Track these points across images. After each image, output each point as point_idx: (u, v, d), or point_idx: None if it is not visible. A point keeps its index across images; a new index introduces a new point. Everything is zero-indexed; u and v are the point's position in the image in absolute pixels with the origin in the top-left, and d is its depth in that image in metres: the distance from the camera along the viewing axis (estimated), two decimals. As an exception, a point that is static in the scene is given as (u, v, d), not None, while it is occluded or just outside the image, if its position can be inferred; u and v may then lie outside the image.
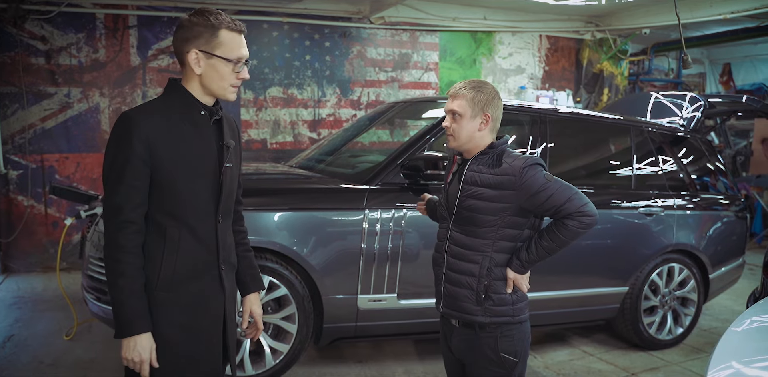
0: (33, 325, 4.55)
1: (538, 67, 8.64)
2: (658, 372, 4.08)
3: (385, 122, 5.30)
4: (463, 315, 2.28)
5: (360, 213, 3.56)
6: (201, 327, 1.95)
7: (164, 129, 1.82)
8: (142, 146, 1.77)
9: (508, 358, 2.26)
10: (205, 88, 1.89)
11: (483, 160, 2.25)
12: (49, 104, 6.21)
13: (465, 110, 2.24)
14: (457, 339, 2.34)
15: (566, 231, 2.17)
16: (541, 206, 2.18)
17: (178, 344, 1.90)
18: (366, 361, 4.08)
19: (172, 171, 1.83)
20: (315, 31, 7.15)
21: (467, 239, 2.26)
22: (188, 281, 1.90)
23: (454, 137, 2.28)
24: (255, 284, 2.21)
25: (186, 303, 1.90)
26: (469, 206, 2.23)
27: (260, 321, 2.20)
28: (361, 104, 7.53)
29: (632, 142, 4.55)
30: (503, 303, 2.26)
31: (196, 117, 1.89)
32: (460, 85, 2.29)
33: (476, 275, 2.24)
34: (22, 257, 6.25)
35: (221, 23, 1.83)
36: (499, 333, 2.26)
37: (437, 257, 2.40)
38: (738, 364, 1.96)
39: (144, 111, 1.84)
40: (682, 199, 4.60)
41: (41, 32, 6.10)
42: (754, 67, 10.26)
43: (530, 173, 2.17)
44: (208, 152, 1.91)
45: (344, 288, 3.57)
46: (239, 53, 1.86)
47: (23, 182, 6.18)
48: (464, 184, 2.25)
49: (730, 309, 5.58)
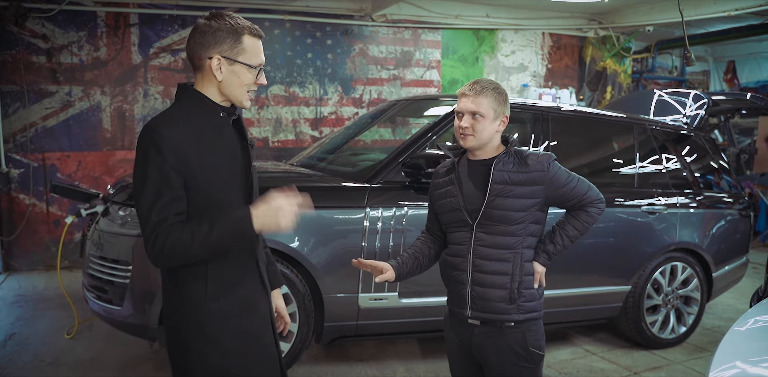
0: (34, 324, 4.55)
1: (541, 64, 8.61)
2: (661, 371, 4.06)
3: (387, 120, 5.28)
4: (495, 315, 2.26)
5: (361, 211, 3.55)
6: (254, 329, 1.93)
7: (190, 136, 1.78)
8: (172, 155, 1.72)
9: (536, 352, 2.27)
10: (223, 94, 1.86)
11: (507, 159, 2.27)
12: (50, 103, 6.21)
13: (488, 111, 2.23)
14: (479, 338, 2.30)
15: (589, 218, 2.33)
16: (566, 196, 2.30)
17: (236, 351, 1.88)
18: (367, 360, 4.07)
19: (203, 176, 1.79)
20: (317, 29, 7.13)
21: (497, 239, 2.25)
22: (234, 286, 1.89)
23: (474, 138, 2.25)
24: (277, 280, 2.21)
25: (236, 308, 1.88)
26: (498, 205, 2.22)
27: (286, 315, 2.22)
28: (363, 101, 7.52)
29: (635, 140, 4.52)
30: (533, 299, 2.29)
31: (216, 120, 1.86)
32: (481, 85, 2.26)
33: (509, 274, 2.24)
34: (24, 255, 6.26)
35: (244, 29, 1.81)
36: (526, 328, 2.27)
37: (458, 262, 2.32)
38: (742, 364, 1.94)
39: (167, 121, 1.79)
40: (686, 197, 4.57)
41: (42, 30, 6.09)
42: (758, 64, 10.21)
43: (555, 167, 2.28)
44: (233, 152, 1.89)
45: (345, 286, 3.55)
46: (260, 59, 1.87)
47: (25, 180, 6.18)
48: (493, 184, 2.23)
49: (733, 308, 5.55)
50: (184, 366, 1.89)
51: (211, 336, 1.84)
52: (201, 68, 1.83)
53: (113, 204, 3.58)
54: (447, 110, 3.98)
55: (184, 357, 1.88)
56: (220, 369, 1.86)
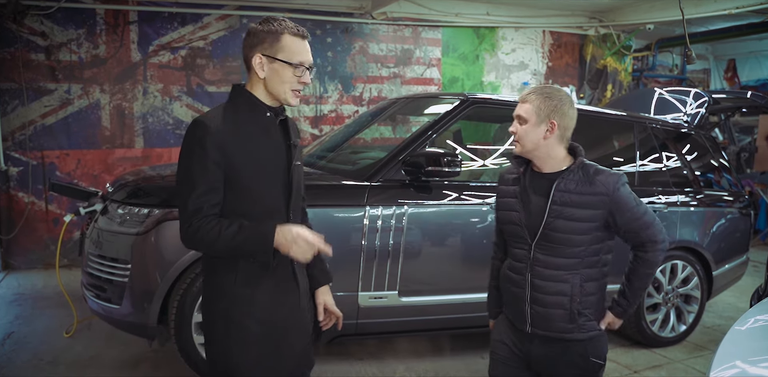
0: (33, 322, 4.54)
1: (542, 63, 8.59)
2: (661, 370, 4.05)
3: (387, 118, 5.27)
4: (557, 334, 2.23)
5: (361, 210, 3.53)
6: (279, 321, 2.00)
7: (234, 132, 1.89)
8: (216, 150, 1.84)
9: (597, 362, 2.26)
10: (269, 93, 1.96)
11: (571, 176, 2.18)
12: (49, 101, 6.19)
13: (530, 116, 2.18)
14: (539, 347, 2.27)
15: (647, 269, 2.27)
16: (625, 226, 2.20)
17: (259, 338, 1.97)
18: (367, 359, 4.06)
19: (244, 172, 1.90)
20: (317, 27, 7.11)
21: (556, 260, 2.19)
22: (263, 278, 1.96)
23: (519, 143, 2.21)
24: (324, 277, 2.26)
25: (263, 298, 1.97)
26: (558, 227, 2.16)
27: (336, 310, 2.25)
28: (363, 100, 7.50)
29: (636, 138, 4.51)
30: (595, 317, 2.26)
31: (262, 119, 1.96)
32: (530, 90, 2.23)
33: (569, 295, 2.19)
34: (23, 254, 6.24)
35: (284, 28, 1.91)
36: (588, 342, 2.25)
37: (517, 279, 2.28)
38: (742, 364, 1.93)
39: (214, 116, 1.91)
40: (686, 196, 4.56)
41: (41, 28, 6.07)
42: (759, 63, 10.20)
43: (623, 193, 2.18)
44: (276, 151, 1.98)
45: (345, 285, 3.54)
46: (301, 57, 1.93)
47: (24, 178, 6.17)
48: (553, 205, 2.16)
49: (733, 307, 5.54)
50: (209, 350, 2.01)
51: (236, 320, 1.95)
52: (249, 68, 1.95)
53: (112, 203, 3.56)
54: (447, 108, 3.97)
55: (210, 339, 2.01)
56: (239, 351, 1.96)
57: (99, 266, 3.46)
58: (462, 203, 3.77)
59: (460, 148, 4.48)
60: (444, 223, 3.75)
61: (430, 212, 3.69)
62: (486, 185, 3.92)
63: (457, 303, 3.75)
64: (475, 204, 3.79)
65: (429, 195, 3.67)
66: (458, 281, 3.78)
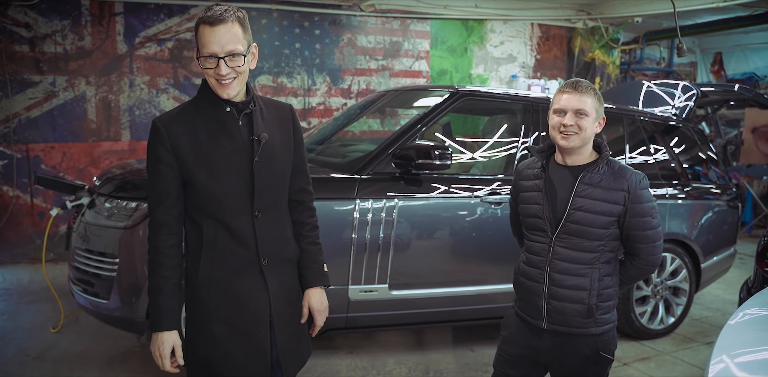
0: (19, 317, 4.49)
1: (530, 55, 8.59)
2: (650, 362, 4.08)
3: (376, 110, 5.24)
4: (572, 329, 2.24)
5: (351, 203, 3.52)
6: (242, 322, 1.95)
7: (188, 131, 1.87)
8: (166, 152, 1.85)
9: (606, 357, 2.27)
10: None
11: (596, 171, 2.21)
12: (33, 93, 6.10)
13: (592, 110, 2.19)
14: (549, 341, 2.28)
15: (629, 277, 2.36)
16: (633, 226, 2.21)
17: (220, 339, 1.93)
18: (357, 352, 4.06)
19: (198, 171, 1.87)
20: (305, 19, 7.06)
21: (575, 254, 2.21)
22: (228, 278, 1.93)
23: (578, 136, 2.18)
24: (315, 278, 2.14)
25: (227, 299, 1.93)
26: (579, 219, 2.18)
27: (318, 317, 2.15)
28: (351, 92, 7.47)
29: (624, 131, 4.52)
30: (609, 310, 2.28)
31: (221, 114, 1.89)
32: (584, 84, 2.21)
33: (587, 289, 2.21)
34: (8, 248, 6.17)
35: (200, 18, 1.81)
36: (599, 336, 2.26)
37: (534, 273, 2.29)
38: (737, 358, 1.94)
39: (170, 116, 1.90)
40: (674, 188, 4.59)
41: (25, 19, 5.98)
42: (745, 56, 10.27)
43: (644, 195, 2.21)
44: (236, 148, 1.89)
45: (335, 278, 3.48)
46: (208, 49, 1.79)
47: (8, 172, 6.09)
48: (576, 196, 2.18)
49: (720, 299, 5.59)
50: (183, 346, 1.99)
51: (199, 322, 1.95)
52: None
53: (99, 196, 3.52)
54: (437, 100, 3.95)
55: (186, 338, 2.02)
56: (205, 353, 1.95)
57: (86, 261, 3.42)
58: (452, 196, 3.76)
59: (449, 141, 4.46)
60: (434, 216, 3.74)
61: (420, 205, 3.68)
62: (476, 177, 3.92)
63: (447, 296, 3.75)
64: (464, 197, 3.78)
65: (419, 188, 3.66)
66: (448, 274, 3.78)
